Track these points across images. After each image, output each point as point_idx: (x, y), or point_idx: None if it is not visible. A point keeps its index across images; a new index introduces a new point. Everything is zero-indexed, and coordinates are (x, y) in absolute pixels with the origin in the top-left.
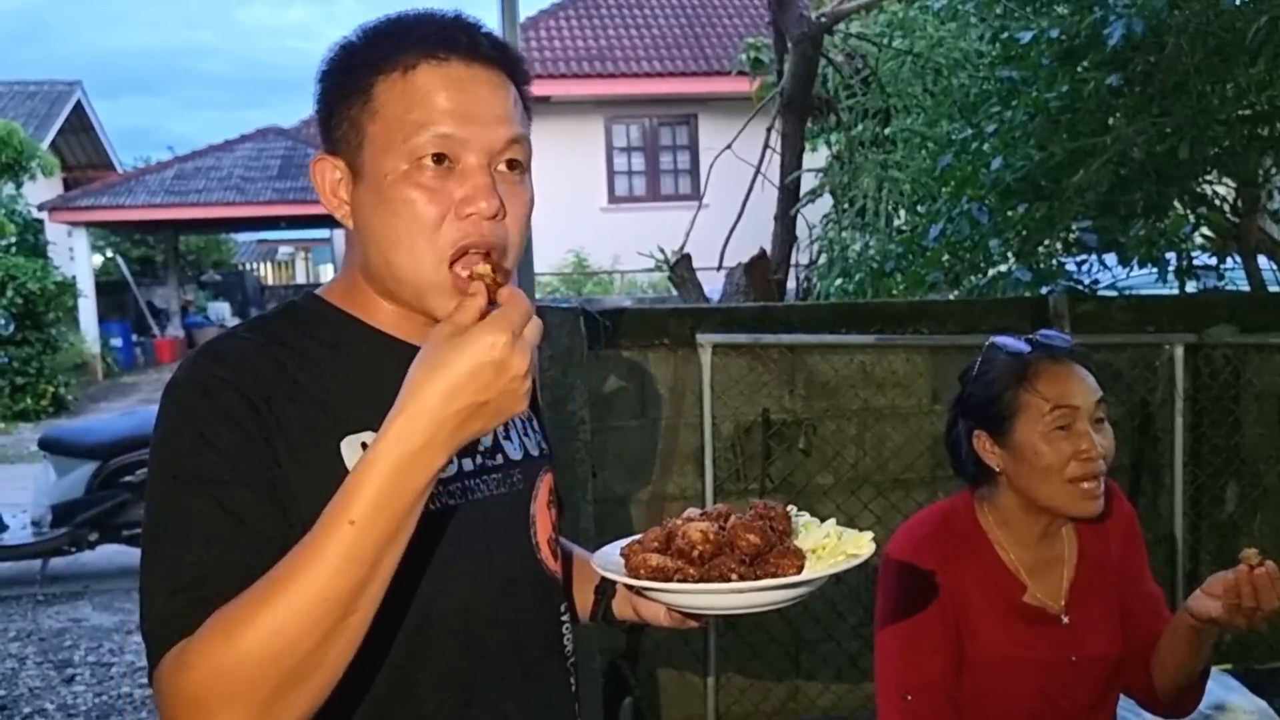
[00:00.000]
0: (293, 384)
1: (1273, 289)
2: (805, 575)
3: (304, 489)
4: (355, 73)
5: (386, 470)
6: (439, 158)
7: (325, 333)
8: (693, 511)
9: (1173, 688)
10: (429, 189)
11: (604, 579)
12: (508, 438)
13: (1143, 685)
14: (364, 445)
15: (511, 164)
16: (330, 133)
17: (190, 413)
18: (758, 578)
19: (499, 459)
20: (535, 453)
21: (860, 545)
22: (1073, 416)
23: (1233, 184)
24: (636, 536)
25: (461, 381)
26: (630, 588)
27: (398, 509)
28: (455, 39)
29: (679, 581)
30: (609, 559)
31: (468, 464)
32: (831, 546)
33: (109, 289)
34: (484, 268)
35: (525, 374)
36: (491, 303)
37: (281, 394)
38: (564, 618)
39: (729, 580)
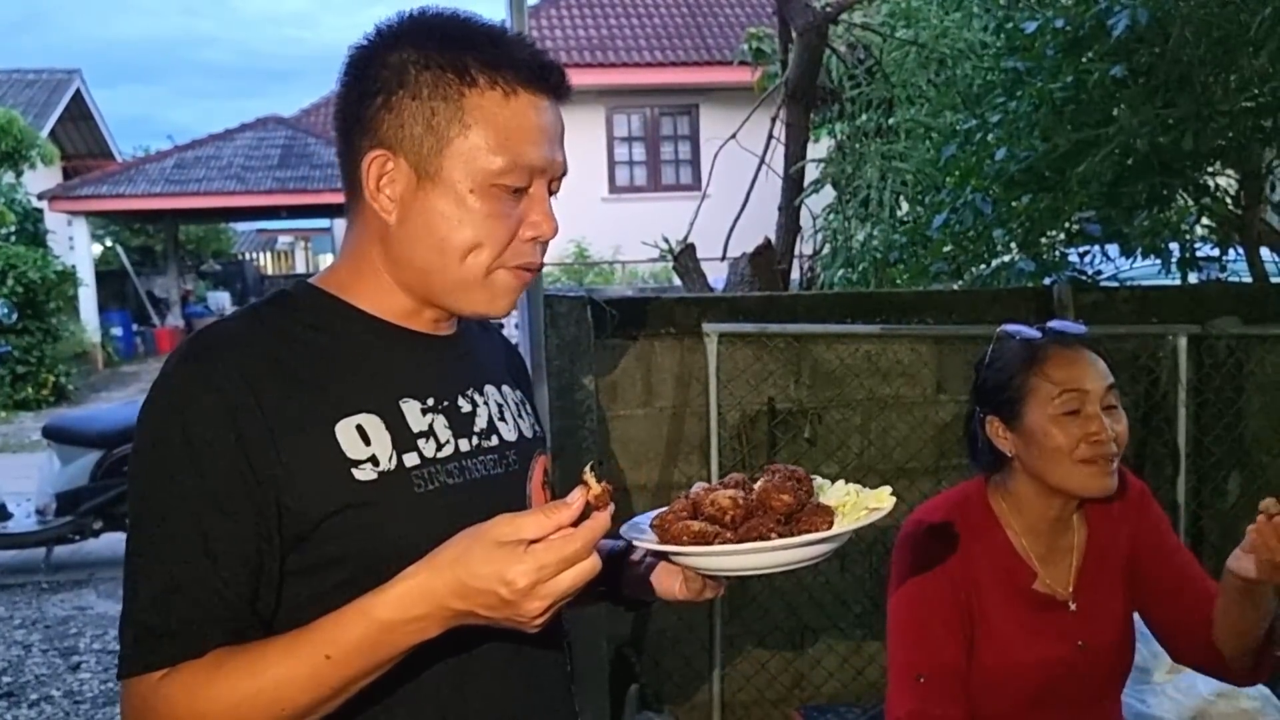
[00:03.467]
0: (285, 370)
1: (1275, 280)
2: (840, 529)
3: (298, 474)
4: (441, 72)
5: (377, 626)
6: (519, 188)
7: (318, 318)
8: (700, 485)
9: (1240, 651)
10: (505, 206)
11: (609, 556)
12: (502, 419)
13: (1208, 656)
14: (358, 428)
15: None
16: (392, 128)
17: (173, 430)
18: (794, 535)
19: (494, 440)
20: (529, 434)
21: (881, 499)
22: (1082, 400)
23: (1236, 176)
24: (659, 510)
25: (472, 592)
26: (661, 555)
27: (377, 658)
28: (549, 75)
29: (720, 544)
30: (639, 533)
31: (464, 445)
32: (853, 502)
33: (109, 278)
34: (592, 480)
35: (540, 614)
36: (582, 516)
37: (273, 382)
38: None
39: (769, 540)
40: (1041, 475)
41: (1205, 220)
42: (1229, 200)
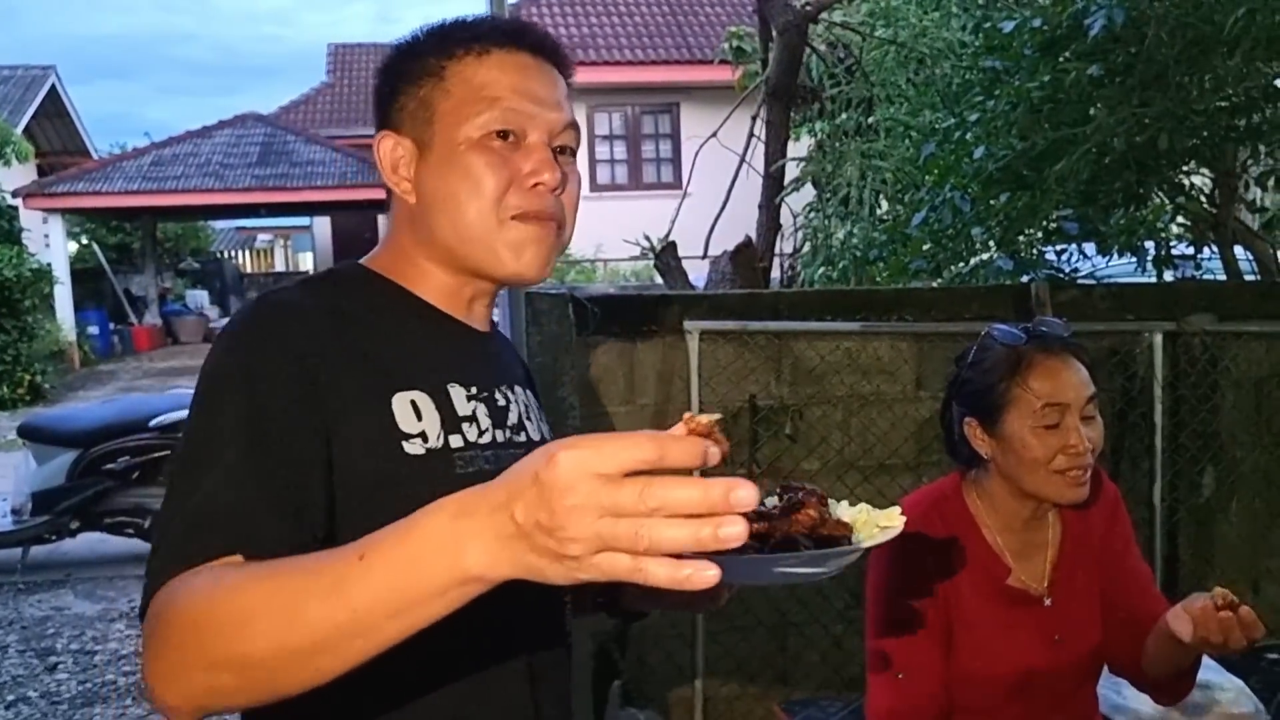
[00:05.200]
0: (344, 341)
1: (1249, 278)
2: (861, 544)
3: (354, 441)
4: (427, 58)
5: (416, 531)
6: (506, 133)
7: (371, 297)
8: None
9: (1161, 678)
10: (498, 156)
11: None
12: (529, 418)
13: (1132, 667)
14: (412, 404)
15: (564, 148)
16: (395, 113)
17: (238, 362)
18: (820, 549)
19: (523, 436)
20: (549, 438)
21: (891, 519)
22: (1062, 413)
23: (1210, 175)
24: None
25: (513, 479)
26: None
27: (408, 580)
28: (524, 33)
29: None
30: None
31: (499, 435)
32: (864, 520)
33: (85, 276)
34: (704, 417)
35: (573, 509)
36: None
37: (333, 350)
38: (566, 597)
39: (799, 553)
40: (1016, 480)
41: (1180, 219)
42: (1204, 199)
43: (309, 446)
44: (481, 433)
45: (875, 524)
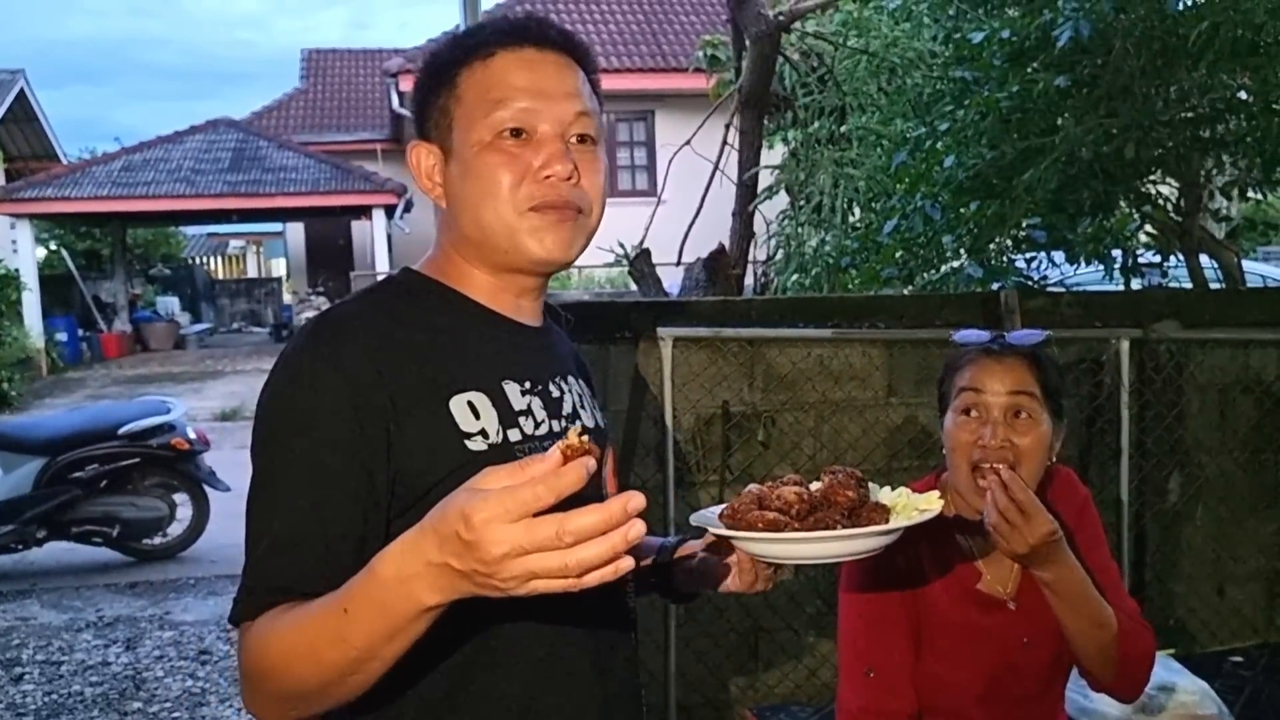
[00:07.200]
0: (404, 347)
1: (1214, 286)
2: (897, 524)
3: (418, 445)
4: (443, 69)
5: (377, 582)
6: (516, 130)
7: (428, 301)
8: (754, 487)
9: (1089, 662)
10: (509, 154)
11: (661, 548)
12: (583, 407)
13: (1082, 670)
14: (469, 404)
15: (582, 137)
16: (424, 124)
17: (296, 394)
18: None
19: (579, 424)
20: (601, 425)
21: (931, 502)
22: (976, 402)
23: (1176, 184)
24: (722, 506)
25: (442, 538)
26: (725, 540)
27: (385, 620)
28: (526, 29)
29: (790, 533)
30: (709, 523)
31: (555, 425)
32: (904, 504)
33: (54, 283)
34: (574, 436)
35: (511, 574)
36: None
37: (394, 358)
38: (629, 581)
39: (835, 530)
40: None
41: (1147, 227)
42: (1170, 208)
43: (368, 471)
44: (538, 424)
45: (914, 506)
